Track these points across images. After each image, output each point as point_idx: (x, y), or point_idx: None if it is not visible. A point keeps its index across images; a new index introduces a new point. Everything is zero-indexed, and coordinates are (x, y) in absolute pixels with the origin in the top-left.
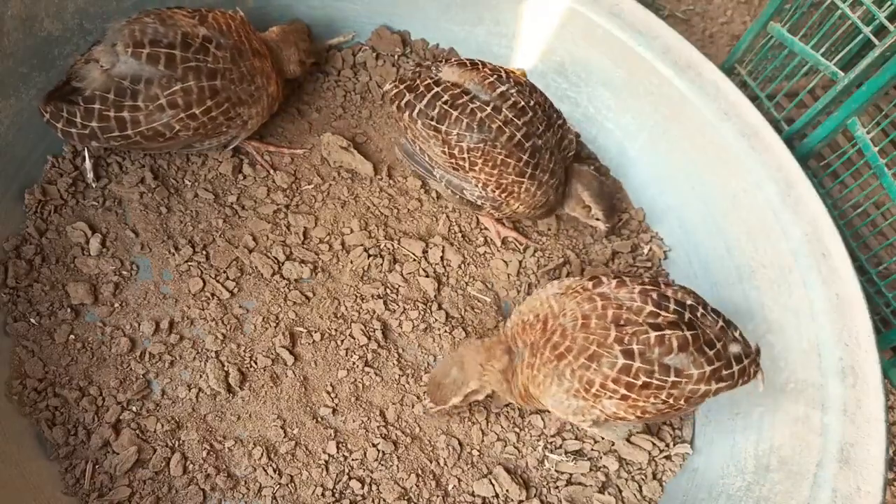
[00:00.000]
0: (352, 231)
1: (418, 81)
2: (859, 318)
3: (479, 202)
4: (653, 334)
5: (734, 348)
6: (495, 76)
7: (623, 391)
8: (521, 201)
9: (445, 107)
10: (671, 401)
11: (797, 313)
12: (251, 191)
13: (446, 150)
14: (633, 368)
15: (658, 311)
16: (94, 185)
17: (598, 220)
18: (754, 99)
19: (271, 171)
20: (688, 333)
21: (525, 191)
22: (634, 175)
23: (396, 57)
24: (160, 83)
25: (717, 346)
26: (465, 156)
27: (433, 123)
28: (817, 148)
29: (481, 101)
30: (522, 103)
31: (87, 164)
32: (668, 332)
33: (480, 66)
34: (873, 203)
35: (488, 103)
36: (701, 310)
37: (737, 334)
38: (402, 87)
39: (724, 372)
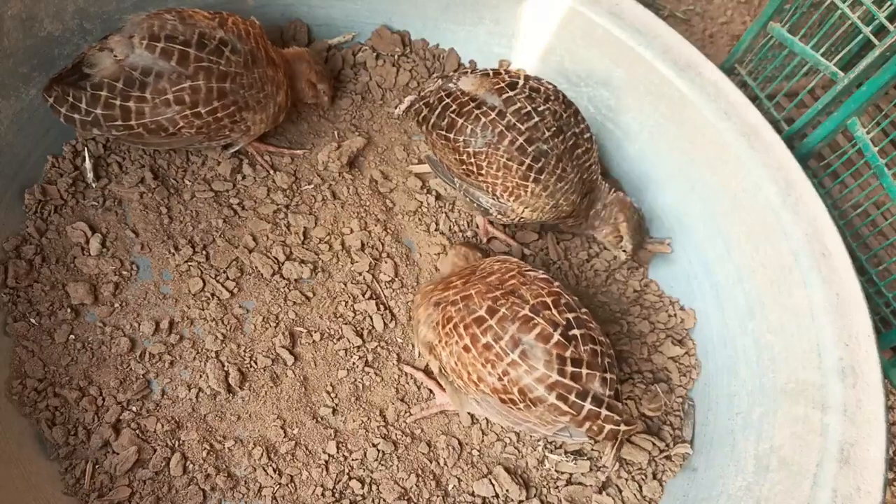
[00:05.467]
0: (352, 231)
1: (432, 97)
2: (859, 318)
3: (491, 210)
4: (524, 311)
5: (598, 388)
6: (507, 83)
7: (467, 341)
8: (527, 205)
9: (453, 115)
10: (506, 382)
11: (797, 313)
12: (251, 191)
13: (457, 156)
14: (485, 323)
15: (550, 307)
16: (94, 185)
17: (624, 251)
18: (754, 99)
19: (271, 172)
20: (557, 336)
21: (531, 194)
22: (634, 175)
23: (396, 57)
24: (170, 78)
25: (582, 372)
26: (472, 160)
27: (444, 133)
28: (817, 148)
29: (487, 107)
30: (528, 108)
31: (87, 164)
32: (540, 321)
33: (496, 74)
34: (873, 203)
35: (494, 108)
36: (594, 347)
37: (610, 387)
38: (421, 103)
39: (572, 397)
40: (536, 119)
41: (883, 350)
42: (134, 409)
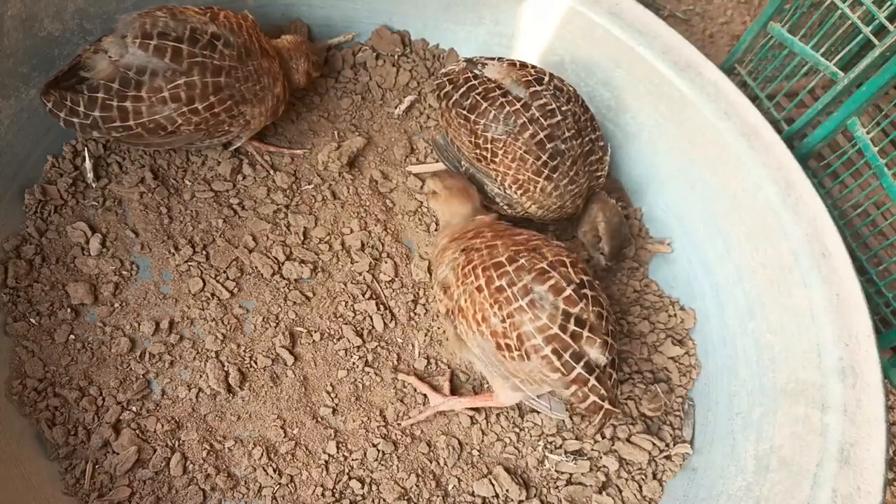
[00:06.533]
0: (352, 231)
1: (460, 75)
2: (859, 318)
3: (496, 199)
4: (542, 265)
5: (596, 356)
6: (534, 77)
7: (482, 282)
8: (534, 201)
9: (478, 97)
10: (508, 326)
11: (797, 313)
12: (251, 191)
13: (473, 139)
14: (503, 269)
15: (567, 265)
16: (94, 185)
17: (602, 255)
18: (754, 99)
19: (271, 172)
20: (570, 291)
21: (540, 190)
22: (634, 175)
23: (396, 57)
24: (165, 76)
25: (583, 333)
26: (489, 146)
27: (465, 112)
28: (817, 148)
29: (513, 97)
30: (553, 106)
31: (87, 164)
32: (555, 275)
33: (522, 67)
34: (873, 203)
35: (519, 99)
36: (601, 311)
37: (609, 352)
38: (445, 79)
39: (566, 355)
40: (559, 118)
41: (883, 350)
42: (134, 409)
